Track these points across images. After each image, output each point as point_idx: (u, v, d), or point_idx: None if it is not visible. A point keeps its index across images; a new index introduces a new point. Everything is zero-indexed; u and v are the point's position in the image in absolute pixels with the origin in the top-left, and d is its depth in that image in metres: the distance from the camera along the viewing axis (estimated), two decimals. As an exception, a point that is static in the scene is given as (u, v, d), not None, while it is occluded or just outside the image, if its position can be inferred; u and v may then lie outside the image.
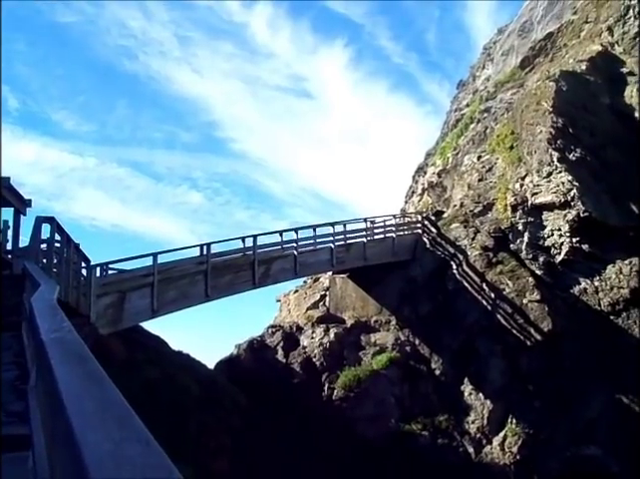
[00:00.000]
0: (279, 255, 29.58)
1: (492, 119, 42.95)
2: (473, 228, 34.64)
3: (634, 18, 41.80)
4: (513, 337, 30.53)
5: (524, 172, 34.64)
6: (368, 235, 34.40)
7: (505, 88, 46.63)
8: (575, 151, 34.10)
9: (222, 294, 26.83)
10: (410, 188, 52.37)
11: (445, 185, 41.31)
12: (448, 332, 31.36)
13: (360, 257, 33.28)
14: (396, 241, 34.84)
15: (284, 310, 38.20)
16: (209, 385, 26.21)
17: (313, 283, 38.70)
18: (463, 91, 60.39)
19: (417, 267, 34.18)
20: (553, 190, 32.89)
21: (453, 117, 55.03)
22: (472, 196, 36.80)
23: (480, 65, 62.03)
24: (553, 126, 34.67)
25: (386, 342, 31.47)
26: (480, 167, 38.25)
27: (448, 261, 33.65)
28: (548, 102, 35.89)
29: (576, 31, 46.41)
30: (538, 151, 34.40)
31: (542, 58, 47.66)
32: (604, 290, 31.46)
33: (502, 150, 37.53)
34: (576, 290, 31.89)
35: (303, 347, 30.92)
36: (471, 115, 48.07)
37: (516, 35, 56.46)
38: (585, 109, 36.85)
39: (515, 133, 37.26)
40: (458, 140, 45.65)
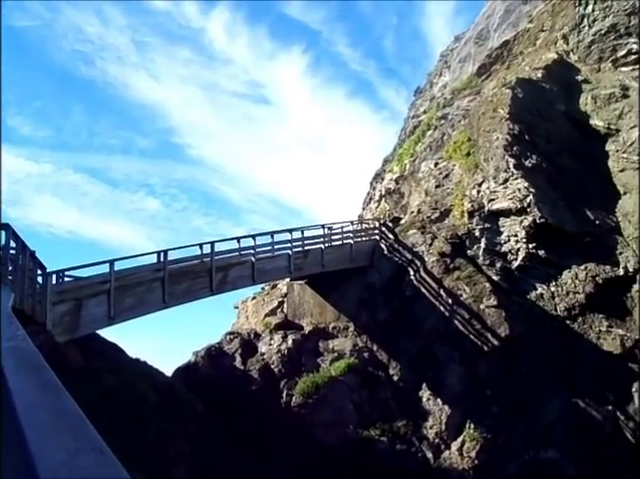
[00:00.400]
0: (237, 262, 29.77)
1: (449, 126, 43.71)
2: (430, 234, 35.16)
3: (589, 27, 42.94)
4: (471, 343, 31.03)
5: (481, 178, 35.31)
6: (326, 241, 34.67)
7: (462, 95, 47.44)
8: (531, 157, 34.90)
9: (180, 301, 26.90)
10: (367, 194, 52.97)
11: (402, 191, 41.89)
12: (406, 338, 31.78)
13: (318, 264, 33.60)
14: (353, 248, 35.18)
15: (242, 317, 38.41)
16: (167, 393, 26.31)
17: (271, 290, 38.97)
18: (420, 98, 61.24)
19: (374, 274, 34.59)
20: (510, 196, 33.60)
21: (410, 123, 55.77)
22: (429, 202, 37.39)
23: (437, 72, 62.99)
24: (510, 132, 35.47)
25: (344, 349, 31.83)
26: (438, 173, 38.90)
27: (405, 268, 34.10)
28: (505, 109, 36.72)
29: (532, 39, 47.49)
30: (495, 157, 35.12)
31: (499, 65, 48.65)
32: (560, 296, 32.19)
33: (459, 156, 38.22)
34: (533, 296, 32.55)
35: (261, 354, 31.19)
36: (428, 122, 48.83)
37: (473, 42, 57.45)
38: (541, 116, 37.73)
39: (472, 139, 37.99)
40: (415, 146, 46.35)
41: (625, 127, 35.67)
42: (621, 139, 35.41)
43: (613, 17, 42.34)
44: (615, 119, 36.47)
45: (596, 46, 42.21)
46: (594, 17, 43.11)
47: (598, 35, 42.44)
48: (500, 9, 57.81)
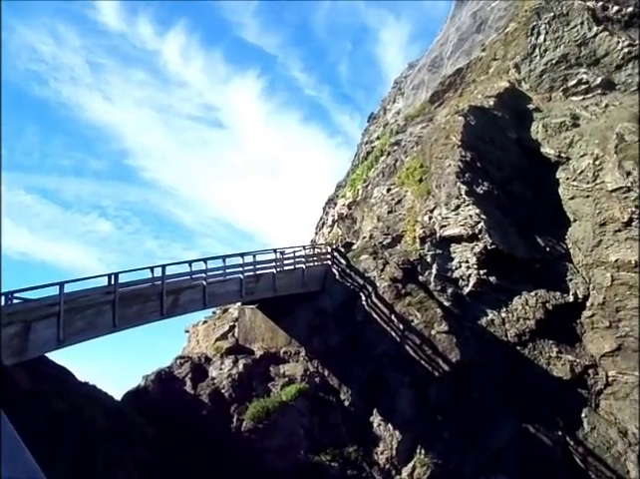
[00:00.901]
0: (188, 286, 29.95)
1: (402, 152, 44.51)
2: (382, 259, 35.73)
3: (540, 56, 44.35)
4: (422, 368, 31.58)
5: (433, 204, 36.15)
6: (278, 265, 35.01)
7: (415, 122, 48.35)
8: (483, 184, 35.87)
9: (130, 325, 26.98)
10: (320, 219, 53.53)
11: (354, 216, 42.52)
12: (357, 363, 32.22)
13: (269, 288, 33.93)
14: (306, 273, 35.60)
15: (193, 341, 38.57)
16: (116, 417, 26.38)
17: (222, 314, 39.20)
18: (373, 124, 62.11)
19: (326, 299, 35.03)
20: (461, 222, 34.48)
21: (363, 149, 56.58)
22: (381, 228, 38.05)
23: (390, 98, 63.99)
24: (462, 159, 36.40)
25: (295, 374, 32.19)
26: (390, 199, 39.57)
27: (357, 293, 34.59)
28: (457, 136, 37.65)
29: (485, 67, 48.70)
30: (447, 184, 35.99)
31: (452, 93, 49.75)
32: (511, 321, 33.04)
33: (412, 182, 38.98)
34: (484, 321, 33.34)
35: (212, 378, 31.39)
36: (381, 147, 49.61)
37: (427, 70, 58.62)
38: (493, 143, 38.78)
39: (425, 166, 38.81)
40: (368, 172, 47.05)
41: (575, 155, 36.76)
42: (571, 167, 36.49)
43: (564, 47, 43.85)
44: (566, 147, 37.58)
45: (547, 75, 43.60)
46: (545, 47, 44.59)
47: (549, 64, 43.86)
48: (454, 37, 59.19)
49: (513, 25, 48.58)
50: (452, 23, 64.71)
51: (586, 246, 34.30)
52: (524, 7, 49.04)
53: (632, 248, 32.53)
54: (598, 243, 33.91)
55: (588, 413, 30.94)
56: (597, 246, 33.92)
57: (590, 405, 31.21)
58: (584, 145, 36.74)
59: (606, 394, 31.26)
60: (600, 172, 35.02)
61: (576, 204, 35.64)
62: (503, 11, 55.38)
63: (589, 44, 43.34)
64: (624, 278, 32.35)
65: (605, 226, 33.88)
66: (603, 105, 40.02)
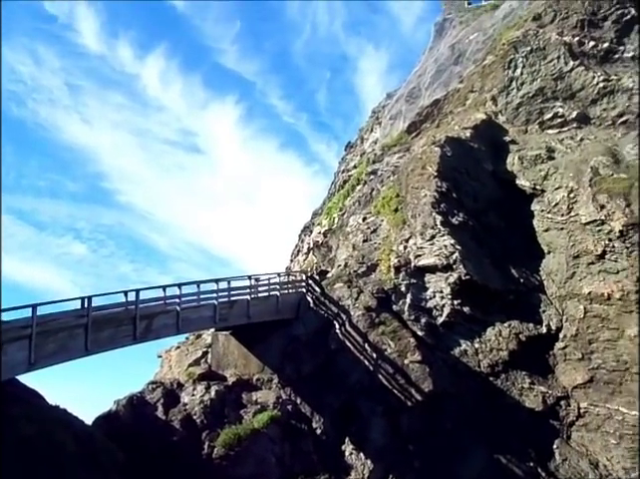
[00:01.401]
0: (162, 311, 30.07)
1: (379, 181, 45.15)
2: (356, 288, 36.15)
3: (517, 89, 45.28)
4: (395, 397, 31.88)
5: (408, 234, 36.70)
6: (252, 292, 35.26)
7: (392, 151, 49.01)
8: (458, 215, 36.50)
9: (103, 349, 27.04)
10: (296, 246, 54.05)
11: (330, 244, 42.98)
12: (330, 391, 32.46)
13: (243, 315, 34.17)
14: (280, 300, 35.93)
15: (165, 366, 38.72)
16: (87, 441, 26.28)
17: (195, 340, 39.43)
18: (351, 152, 62.90)
19: (300, 326, 35.36)
20: (436, 252, 35.02)
21: (340, 177, 57.23)
22: (356, 256, 38.47)
23: (368, 128, 64.85)
24: (437, 190, 37.02)
25: (267, 401, 32.37)
26: (366, 228, 40.08)
27: (331, 321, 34.95)
28: (433, 166, 38.28)
29: (462, 99, 49.54)
30: (422, 214, 36.57)
31: (429, 124, 50.53)
32: (484, 352, 33.51)
33: (388, 212, 39.56)
34: (457, 352, 33.76)
35: (184, 404, 31.48)
36: (358, 176, 50.24)
37: (404, 100, 59.51)
38: (469, 174, 39.42)
39: (401, 196, 39.43)
40: (344, 200, 47.63)
41: (550, 188, 37.43)
42: (546, 199, 37.15)
43: (541, 81, 44.80)
44: (541, 179, 38.26)
45: (524, 108, 44.49)
46: (522, 80, 45.54)
47: (526, 98, 44.76)
48: (432, 69, 60.18)
49: (491, 58, 49.55)
50: (430, 54, 65.86)
51: (560, 278, 34.92)
52: (502, 40, 50.05)
53: (605, 281, 33.12)
54: (572, 276, 34.50)
55: (560, 444, 31.39)
56: (571, 279, 34.51)
57: (562, 437, 31.66)
58: (559, 177, 37.44)
59: (578, 426, 31.73)
60: (575, 204, 35.68)
61: (550, 236, 36.31)
62: (481, 44, 56.51)
63: (565, 78, 44.27)
64: (597, 311, 32.89)
65: (579, 258, 34.48)
66: (578, 138, 40.90)
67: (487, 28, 59.28)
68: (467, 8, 72.13)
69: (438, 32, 69.88)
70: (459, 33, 64.10)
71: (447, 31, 68.10)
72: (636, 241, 32.50)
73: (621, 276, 32.68)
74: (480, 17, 64.81)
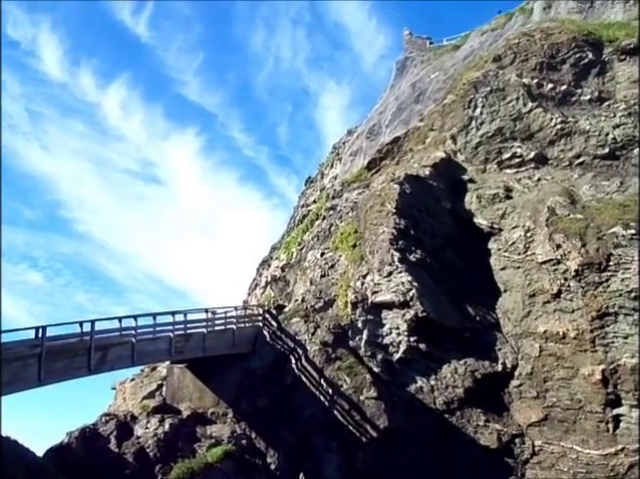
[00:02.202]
0: (117, 342, 30.01)
1: (338, 217, 45.65)
2: (313, 323, 36.44)
3: (476, 129, 46.26)
4: (350, 433, 32.15)
5: (366, 270, 37.10)
6: (209, 325, 35.42)
7: (352, 187, 49.60)
8: (416, 252, 37.07)
9: (56, 380, 26.85)
10: (254, 280, 54.28)
11: (288, 279, 43.24)
12: (285, 426, 32.63)
13: (199, 348, 34.29)
14: (236, 334, 36.11)
15: (119, 398, 38.57)
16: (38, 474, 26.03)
17: (150, 372, 39.35)
18: (310, 187, 63.56)
19: (256, 360, 35.53)
20: (393, 289, 35.45)
21: (300, 212, 57.75)
22: (313, 291, 38.79)
23: (328, 163, 65.68)
24: (396, 227, 37.58)
25: (222, 435, 32.42)
26: (324, 263, 40.48)
27: (287, 356, 35.18)
28: (392, 203, 38.87)
29: (422, 137, 50.40)
30: (380, 250, 37.04)
31: (389, 161, 51.26)
32: (439, 389, 33.88)
33: (346, 248, 39.99)
34: (412, 389, 34.06)
35: (137, 437, 31.45)
36: (317, 211, 50.75)
37: (365, 137, 60.43)
38: (427, 212, 40.10)
39: (359, 232, 39.92)
40: (303, 235, 48.02)
41: (507, 226, 38.28)
42: (503, 238, 37.99)
43: (500, 121, 45.88)
44: (498, 218, 39.09)
45: (483, 147, 45.48)
46: (482, 120, 46.57)
47: (485, 137, 45.78)
48: (393, 106, 61.26)
49: (451, 97, 50.57)
50: (391, 92, 67.07)
51: (516, 317, 35.60)
52: (462, 80, 51.18)
53: (560, 320, 33.84)
54: (528, 314, 35.21)
55: (514, 482, 31.84)
56: (526, 317, 35.20)
57: (516, 474, 32.06)
58: (516, 217, 38.30)
59: (532, 464, 32.14)
60: (531, 244, 36.52)
61: (507, 274, 37.06)
62: (442, 83, 57.76)
63: (524, 119, 45.43)
64: (552, 349, 33.54)
65: (535, 297, 35.24)
66: (536, 178, 41.91)
67: (448, 68, 60.68)
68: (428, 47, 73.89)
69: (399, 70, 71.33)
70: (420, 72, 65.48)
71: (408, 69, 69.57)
72: (591, 281, 33.28)
73: (576, 316, 33.41)
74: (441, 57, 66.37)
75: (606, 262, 33.26)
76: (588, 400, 31.65)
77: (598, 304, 32.77)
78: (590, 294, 33.21)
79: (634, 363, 31.19)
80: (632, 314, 32.04)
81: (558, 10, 59.93)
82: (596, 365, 31.91)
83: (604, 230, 34.40)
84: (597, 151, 42.26)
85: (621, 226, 34.13)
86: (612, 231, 34.13)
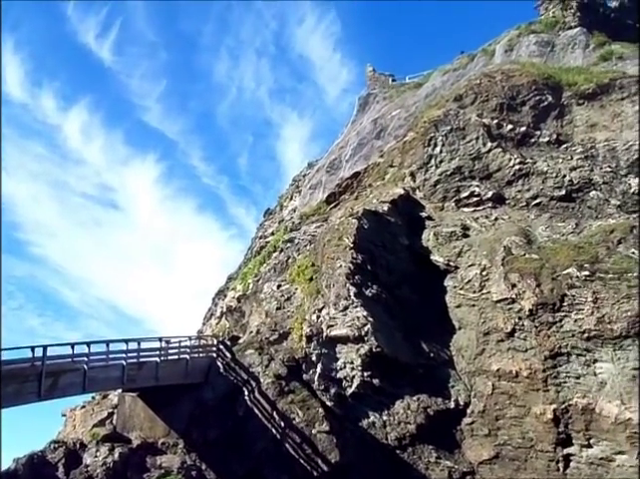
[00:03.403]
0: (69, 369, 29.96)
1: (295, 249, 46.02)
2: (267, 355, 36.69)
3: (435, 167, 47.02)
4: (301, 467, 32.37)
5: (322, 304, 37.42)
6: (162, 354, 35.54)
7: (310, 221, 50.07)
8: (372, 287, 37.47)
9: (6, 405, 26.75)
10: (209, 310, 54.38)
11: (243, 310, 43.43)
12: (236, 458, 32.73)
13: (152, 377, 34.33)
14: (190, 363, 36.26)
15: (69, 426, 38.37)
16: (-18, 499, 26.10)
17: (102, 400, 39.22)
18: (269, 219, 63.95)
19: (209, 391, 35.63)
20: (348, 323, 35.74)
21: (257, 243, 58.06)
22: (269, 323, 39.06)
23: (288, 196, 66.17)
24: (353, 262, 37.98)
25: (172, 465, 32.42)
26: (280, 295, 40.79)
27: (240, 387, 35.35)
28: (350, 238, 39.32)
29: (381, 173, 51.09)
30: (337, 284, 37.39)
31: (348, 195, 51.83)
32: (392, 425, 34.20)
33: (302, 281, 40.36)
34: (365, 423, 34.38)
35: (85, 466, 31.34)
36: (275, 243, 51.04)
37: (325, 171, 61.06)
38: (384, 248, 40.56)
39: (316, 265, 40.31)
40: (260, 267, 48.24)
41: (464, 264, 38.89)
42: (459, 276, 38.58)
43: (459, 160, 46.67)
44: (455, 256, 39.71)
45: (441, 185, 46.21)
46: (441, 158, 47.36)
47: (444, 175, 46.53)
48: (354, 141, 62.06)
49: (412, 134, 51.36)
50: (353, 127, 67.94)
51: (469, 354, 36.09)
52: (423, 118, 52.06)
53: (514, 359, 34.40)
54: (481, 352, 35.71)
55: (464, 519, 32.20)
56: (480, 355, 35.69)
57: (466, 511, 32.43)
58: (473, 255, 38.94)
59: (483, 502, 32.58)
60: (487, 282, 37.15)
61: (462, 312, 37.59)
62: (403, 120, 58.69)
63: (483, 158, 46.29)
64: (504, 388, 34.07)
65: (489, 335, 35.79)
66: (493, 218, 42.63)
67: (410, 105, 61.68)
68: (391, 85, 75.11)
69: (361, 106, 72.32)
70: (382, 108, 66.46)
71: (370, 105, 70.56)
72: (545, 321, 33.93)
73: (529, 355, 34.01)
74: (403, 94, 67.47)
75: (560, 303, 33.94)
76: (539, 439, 32.15)
77: (551, 344, 33.40)
78: (543, 334, 33.82)
79: (585, 403, 31.79)
80: (584, 355, 32.70)
81: (520, 53, 61.57)
82: (548, 405, 32.47)
83: (559, 270, 35.10)
84: (554, 192, 43.09)
85: (576, 267, 34.86)
86: (567, 271, 34.84)
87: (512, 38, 64.98)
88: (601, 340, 32.41)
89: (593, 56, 57.53)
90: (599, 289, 33.53)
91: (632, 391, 31.03)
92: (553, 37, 62.95)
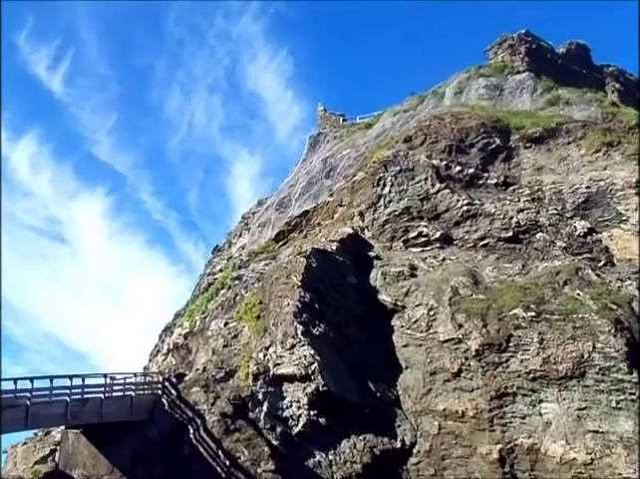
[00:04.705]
0: (10, 404, 29.51)
1: (243, 287, 46.24)
2: (213, 393, 36.65)
3: (384, 207, 47.77)
4: (246, 506, 32.41)
5: (269, 342, 37.66)
6: (106, 391, 35.24)
7: (259, 258, 50.48)
8: (319, 326, 37.83)
9: (-54, 440, 26.71)
10: (156, 346, 54.19)
11: (190, 347, 43.38)
12: (180, 497, 32.71)
13: (96, 414, 34.02)
14: (135, 400, 36.04)
15: (10, 463, 37.94)
16: None
17: (44, 436, 38.90)
18: (218, 256, 64.17)
19: (154, 429, 35.47)
20: (295, 362, 36.03)
21: (205, 280, 58.15)
22: (215, 361, 39.07)
23: (237, 233, 66.55)
24: (300, 300, 38.31)
25: (114, 504, 32.33)
26: (227, 333, 40.85)
27: (185, 425, 35.23)
28: (298, 276, 39.68)
29: (330, 212, 51.77)
30: (284, 323, 37.68)
31: (297, 234, 52.40)
32: (338, 464, 34.36)
33: (250, 318, 40.51)
34: (311, 463, 34.43)
35: (26, 504, 31.13)
36: (222, 280, 51.21)
37: (274, 209, 61.63)
38: (332, 286, 41.02)
39: (264, 303, 40.55)
40: (207, 304, 48.34)
41: (411, 304, 39.52)
42: (406, 315, 39.20)
43: (408, 200, 47.49)
44: (402, 296, 40.34)
45: (390, 225, 46.96)
46: (390, 198, 48.12)
47: (392, 215, 47.32)
48: (304, 180, 62.78)
49: (361, 174, 52.15)
50: (303, 166, 68.75)
51: (416, 394, 36.59)
52: (373, 158, 52.88)
53: (460, 399, 35.04)
54: (428, 392, 36.27)
55: None
56: (427, 395, 36.24)
57: None
58: (420, 295, 39.59)
59: (428, 542, 32.92)
60: (434, 322, 37.82)
61: (409, 351, 38.14)
62: (353, 160, 59.57)
63: (431, 199, 47.17)
64: (451, 428, 34.65)
65: (435, 375, 36.41)
66: (440, 258, 43.44)
67: (360, 145, 62.66)
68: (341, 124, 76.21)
69: (312, 145, 73.27)
70: (332, 147, 67.38)
71: (321, 144, 71.52)
72: (491, 361, 34.63)
73: (475, 395, 34.68)
74: (353, 134, 68.47)
75: (506, 343, 34.76)
76: (485, 479, 32.68)
77: (497, 384, 34.14)
78: (490, 374, 34.54)
79: (530, 443, 32.47)
80: (530, 395, 33.47)
81: (469, 96, 63.00)
82: (494, 444, 33.13)
83: (505, 311, 35.94)
84: (501, 233, 44.05)
85: (522, 308, 35.74)
86: (513, 312, 35.70)
87: (462, 81, 66.48)
88: (547, 381, 33.30)
89: (541, 100, 59.13)
90: (545, 330, 34.42)
91: (577, 431, 31.81)
92: (502, 81, 64.56)
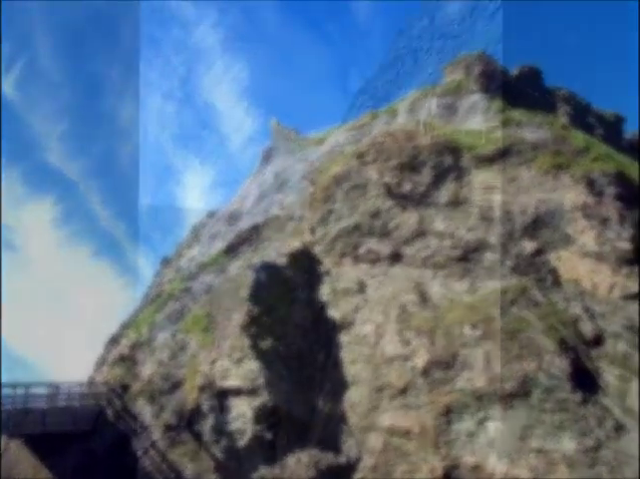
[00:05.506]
0: None
1: (191, 299, 46.15)
2: (158, 405, 36.66)
3: (335, 222, 47.86)
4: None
5: (216, 355, 37.77)
6: (50, 401, 35.10)
7: (208, 271, 50.28)
8: (268, 340, 37.94)
9: None
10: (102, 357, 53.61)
11: (136, 358, 43.15)
12: (122, 510, 32.59)
13: (38, 424, 33.84)
14: (78, 411, 35.93)
15: (-50, 472, 37.44)
16: None
17: (-14, 446, 38.45)
18: (167, 267, 63.73)
19: (97, 440, 35.36)
20: (242, 376, 36.16)
21: (154, 291, 57.68)
22: (161, 373, 39.02)
23: (187, 244, 66.12)
24: (249, 313, 38.45)
25: (54, 516, 32.07)
26: (174, 345, 40.83)
27: (130, 437, 35.19)
28: (247, 290, 39.80)
29: (281, 226, 51.79)
30: (232, 336, 37.80)
31: (247, 247, 52.29)
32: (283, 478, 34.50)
33: (197, 331, 40.54)
34: (256, 477, 34.53)
35: (-35, 515, 30.74)
36: (171, 292, 50.94)
37: (225, 221, 61.44)
38: (282, 301, 41.16)
39: (212, 316, 40.57)
40: (155, 315, 48.06)
41: (359, 320, 39.80)
42: (354, 331, 39.40)
43: (358, 216, 47.67)
44: (351, 312, 40.61)
45: (340, 241, 47.13)
46: (341, 214, 48.36)
47: (343, 231, 47.43)
48: (255, 193, 62.73)
49: (313, 189, 52.24)
50: (255, 179, 68.73)
51: (362, 410, 36.79)
52: (325, 174, 53.01)
53: (406, 415, 35.26)
54: (374, 408, 36.47)
55: None
56: (373, 411, 36.44)
57: None
58: (368, 311, 39.90)
59: None
60: (381, 339, 38.06)
61: (356, 368, 38.37)
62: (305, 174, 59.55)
63: (382, 216, 47.40)
64: (396, 444, 34.84)
65: (382, 391, 36.64)
66: (389, 275, 43.63)
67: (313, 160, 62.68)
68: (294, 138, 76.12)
69: (265, 158, 73.24)
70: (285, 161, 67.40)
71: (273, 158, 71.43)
72: (438, 378, 35.01)
73: (422, 412, 34.96)
74: (306, 148, 68.50)
75: (453, 361, 35.13)
76: (436, 495, 32.95)
77: (443, 402, 34.45)
78: (436, 392, 34.87)
79: (475, 461, 32.82)
80: (475, 413, 33.82)
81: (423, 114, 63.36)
82: (439, 462, 33.37)
83: (452, 329, 36.33)
84: (450, 252, 44.37)
85: (469, 326, 36.17)
86: (460, 330, 36.08)
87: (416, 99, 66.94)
88: (492, 399, 33.66)
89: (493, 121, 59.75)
90: (491, 349, 34.85)
91: (521, 450, 32.22)
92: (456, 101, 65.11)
